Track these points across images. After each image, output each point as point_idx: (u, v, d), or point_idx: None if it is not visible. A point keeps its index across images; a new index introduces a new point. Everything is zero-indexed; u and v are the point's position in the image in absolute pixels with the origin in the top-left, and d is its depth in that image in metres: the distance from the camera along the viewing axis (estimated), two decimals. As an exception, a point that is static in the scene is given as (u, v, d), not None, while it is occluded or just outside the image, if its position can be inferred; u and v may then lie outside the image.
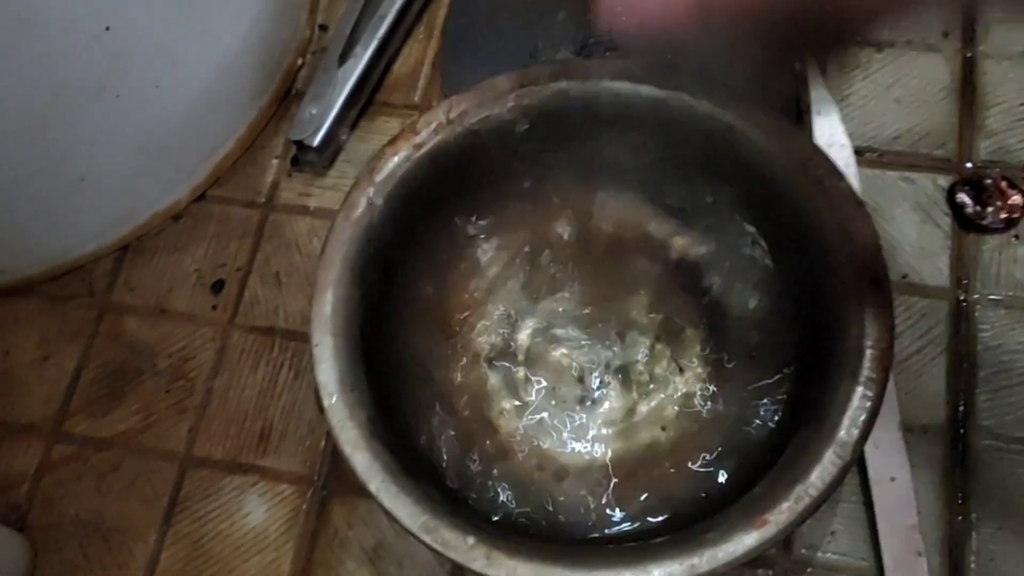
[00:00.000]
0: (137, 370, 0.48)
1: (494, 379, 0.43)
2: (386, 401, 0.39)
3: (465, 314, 0.44)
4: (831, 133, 0.45)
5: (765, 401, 0.40)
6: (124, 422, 0.47)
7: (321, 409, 0.36)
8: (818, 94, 0.45)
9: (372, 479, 0.34)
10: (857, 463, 0.41)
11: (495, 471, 0.40)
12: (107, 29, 0.40)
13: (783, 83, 0.48)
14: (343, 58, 0.51)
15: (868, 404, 0.34)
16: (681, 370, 0.43)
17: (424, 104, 0.52)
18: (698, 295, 0.43)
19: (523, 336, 0.44)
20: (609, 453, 0.41)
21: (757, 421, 0.40)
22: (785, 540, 0.41)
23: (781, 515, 0.33)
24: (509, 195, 0.44)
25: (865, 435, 0.34)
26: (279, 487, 0.45)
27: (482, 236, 0.45)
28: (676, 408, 0.42)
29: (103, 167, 0.46)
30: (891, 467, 0.40)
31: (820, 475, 0.33)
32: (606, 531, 0.39)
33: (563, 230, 0.45)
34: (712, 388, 0.42)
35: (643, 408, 0.42)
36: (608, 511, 0.40)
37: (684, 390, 0.42)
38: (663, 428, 0.42)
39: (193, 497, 0.45)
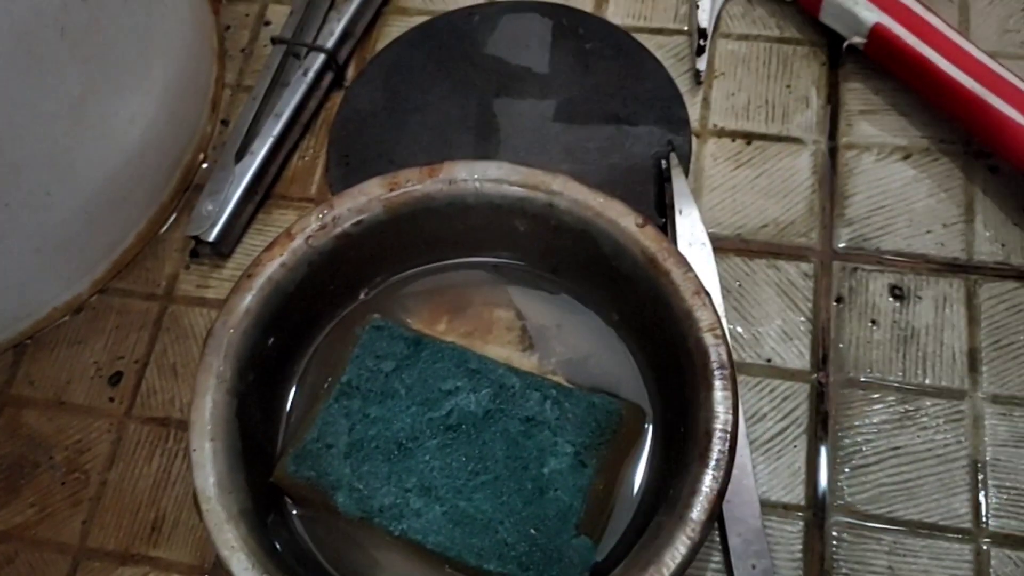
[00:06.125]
0: (34, 463, 0.49)
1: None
2: (269, 499, 0.41)
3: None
4: (692, 232, 0.47)
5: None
6: (20, 515, 0.48)
7: (199, 513, 0.37)
8: (680, 193, 0.48)
9: None
10: (721, 545, 0.44)
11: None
12: (-13, 144, 0.41)
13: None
14: (240, 154, 0.53)
15: (717, 486, 0.36)
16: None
17: (320, 197, 0.54)
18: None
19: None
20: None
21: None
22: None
23: None
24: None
25: (713, 515, 0.36)
26: (170, 577, 0.46)
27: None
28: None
29: (-3, 269, 0.47)
30: (751, 554, 0.42)
31: (671, 555, 0.35)
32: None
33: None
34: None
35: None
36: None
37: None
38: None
39: (86, 589, 0.46)
